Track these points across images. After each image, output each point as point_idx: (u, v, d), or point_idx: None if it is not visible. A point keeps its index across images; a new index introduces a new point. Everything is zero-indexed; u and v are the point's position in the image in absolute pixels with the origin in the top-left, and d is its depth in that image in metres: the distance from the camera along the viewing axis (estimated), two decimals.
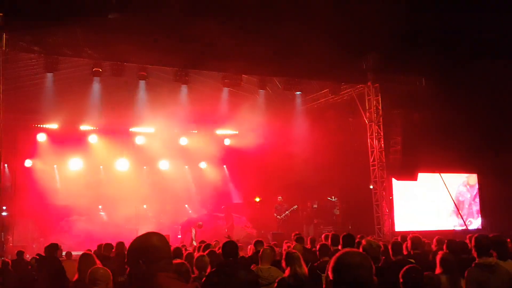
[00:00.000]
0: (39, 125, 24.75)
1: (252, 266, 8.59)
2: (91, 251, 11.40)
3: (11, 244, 18.60)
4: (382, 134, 22.26)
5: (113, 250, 13.40)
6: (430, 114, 21.34)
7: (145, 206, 26.06)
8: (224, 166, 29.61)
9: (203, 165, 29.26)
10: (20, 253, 15.11)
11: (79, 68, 20.68)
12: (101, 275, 6.11)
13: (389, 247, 9.03)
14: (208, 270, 7.98)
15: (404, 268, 6.18)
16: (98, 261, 7.29)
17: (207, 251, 9.43)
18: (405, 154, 21.70)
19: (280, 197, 24.98)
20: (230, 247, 9.14)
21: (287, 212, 24.40)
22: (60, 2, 16.95)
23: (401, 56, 21.02)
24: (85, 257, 7.59)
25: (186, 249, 12.69)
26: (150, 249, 3.52)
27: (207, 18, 17.40)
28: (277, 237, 21.58)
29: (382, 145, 22.24)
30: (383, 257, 8.49)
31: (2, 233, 17.63)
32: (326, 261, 8.91)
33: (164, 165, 28.31)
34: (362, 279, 3.39)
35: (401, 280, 6.07)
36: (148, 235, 3.62)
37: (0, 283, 8.03)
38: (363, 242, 8.90)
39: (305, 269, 7.88)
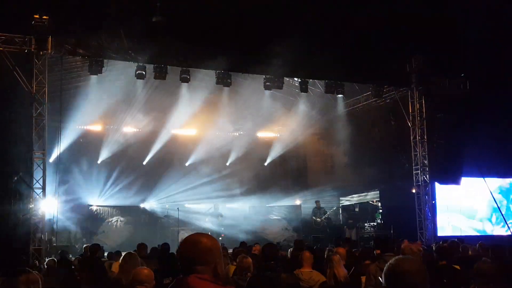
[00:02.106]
0: (82, 127, 25.13)
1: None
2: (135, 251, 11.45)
3: (54, 244, 18.87)
4: (425, 137, 21.98)
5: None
6: (474, 117, 20.97)
7: (189, 205, 26.30)
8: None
9: (244, 166, 29.42)
10: (63, 253, 15.33)
11: (123, 71, 20.97)
12: (145, 276, 6.10)
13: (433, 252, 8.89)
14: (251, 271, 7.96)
15: None
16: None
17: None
18: (448, 159, 21.38)
19: (317, 200, 24.83)
20: (270, 249, 9.13)
21: (323, 216, 24.23)
22: (105, 5, 17.18)
23: (445, 59, 20.75)
24: (128, 256, 7.61)
25: None
26: (186, 250, 3.54)
27: (251, 21, 17.45)
28: (318, 240, 21.50)
29: (426, 149, 21.97)
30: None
31: (46, 233, 17.88)
32: (367, 264, 8.83)
33: (205, 166, 28.65)
34: (416, 286, 3.36)
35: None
36: (189, 237, 3.63)
37: (45, 282, 8.17)
38: (403, 245, 8.76)
39: (344, 271, 7.81)
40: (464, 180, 21.94)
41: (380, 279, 3.60)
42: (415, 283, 3.38)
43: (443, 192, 22.24)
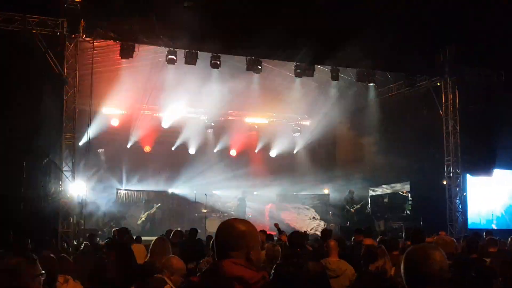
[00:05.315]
0: (112, 111, 25.33)
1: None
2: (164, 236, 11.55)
3: (82, 227, 19.09)
4: (458, 129, 21.75)
5: (184, 237, 13.62)
6: (509, 108, 20.69)
7: (216, 191, 26.45)
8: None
9: (272, 153, 29.48)
10: (92, 236, 15.50)
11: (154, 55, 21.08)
12: (172, 265, 6.17)
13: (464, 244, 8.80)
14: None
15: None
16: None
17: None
18: (481, 150, 21.13)
19: (352, 190, 24.73)
20: (297, 237, 9.11)
21: (357, 206, 24.16)
22: None
23: (479, 49, 20.44)
24: (159, 241, 7.68)
25: None
26: (221, 235, 3.59)
27: (281, 6, 17.36)
28: (345, 230, 21.44)
29: (458, 140, 21.75)
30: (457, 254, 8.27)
31: (75, 216, 18.08)
32: (396, 255, 8.80)
33: (233, 152, 28.79)
34: (432, 272, 3.33)
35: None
36: (224, 222, 3.69)
37: (75, 265, 8.27)
38: (435, 238, 8.68)
39: (388, 263, 7.77)
40: (497, 172, 21.69)
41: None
42: (429, 269, 3.35)
43: (476, 184, 22.02)
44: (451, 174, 21.80)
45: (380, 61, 20.92)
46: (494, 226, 21.47)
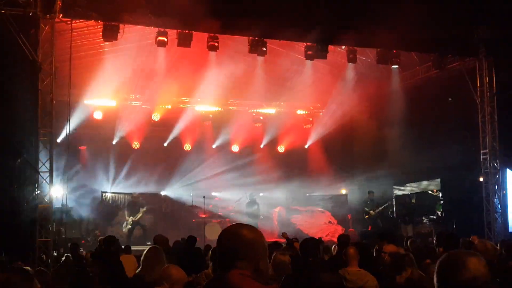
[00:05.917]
0: (95, 102, 25.37)
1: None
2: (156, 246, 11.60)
3: (63, 236, 19.15)
4: (495, 117, 21.71)
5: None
6: None
7: (216, 194, 26.52)
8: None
9: (281, 149, 29.45)
10: (74, 246, 15.57)
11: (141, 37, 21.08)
12: (171, 275, 6.21)
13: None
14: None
15: None
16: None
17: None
18: None
19: (371, 191, 24.71)
20: (310, 245, 9.14)
21: (380, 208, 24.14)
22: None
23: None
24: (153, 251, 7.70)
25: None
26: (226, 243, 3.64)
27: None
28: (366, 236, 21.47)
29: (496, 129, 21.71)
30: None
31: (54, 223, 18.10)
32: (428, 263, 8.83)
33: (235, 148, 28.79)
34: (464, 282, 3.33)
35: None
36: (229, 228, 3.76)
37: (55, 279, 8.33)
38: (476, 242, 8.70)
39: (419, 271, 7.84)
40: None
41: None
42: (466, 279, 3.34)
43: None
44: (488, 170, 21.76)
45: (404, 40, 20.84)
46: None
